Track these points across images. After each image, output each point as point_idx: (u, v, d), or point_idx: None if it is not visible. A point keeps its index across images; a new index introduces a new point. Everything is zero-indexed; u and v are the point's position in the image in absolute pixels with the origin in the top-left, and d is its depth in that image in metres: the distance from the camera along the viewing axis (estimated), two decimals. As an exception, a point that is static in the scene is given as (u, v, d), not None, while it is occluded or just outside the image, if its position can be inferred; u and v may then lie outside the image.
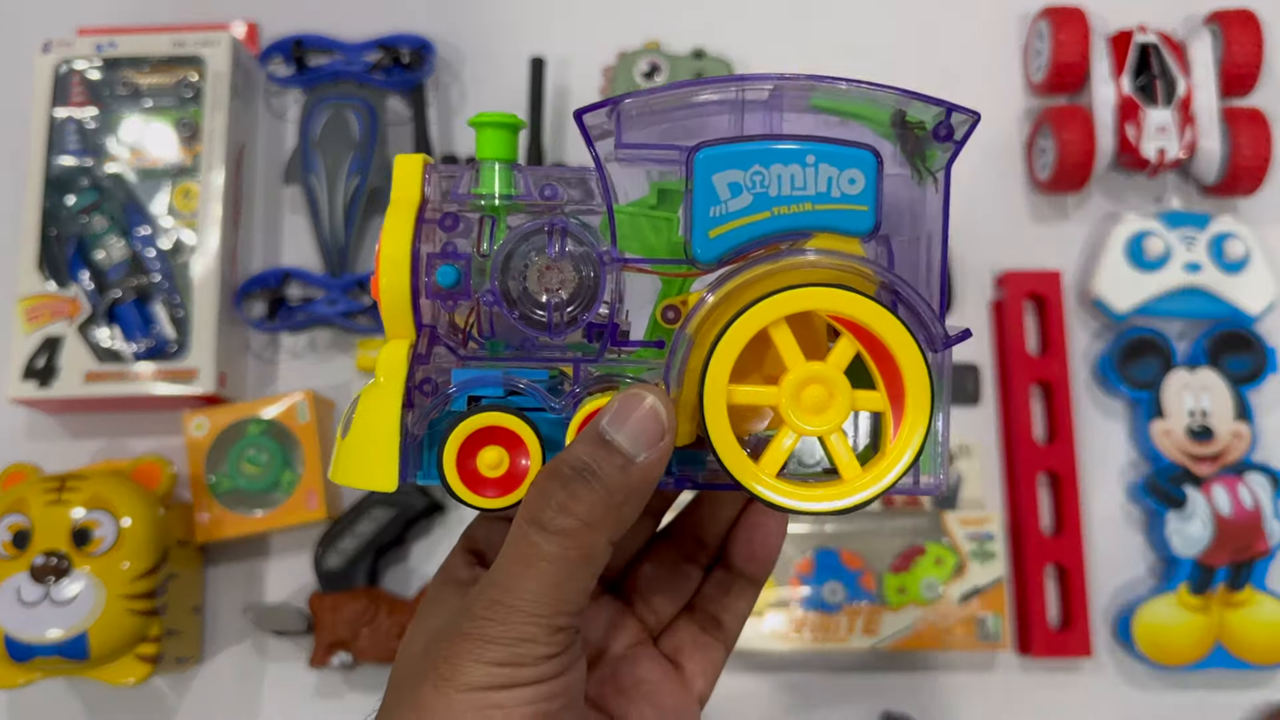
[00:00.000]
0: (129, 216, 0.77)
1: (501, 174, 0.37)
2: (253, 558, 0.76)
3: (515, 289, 0.36)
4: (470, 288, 0.36)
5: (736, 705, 0.74)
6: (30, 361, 0.74)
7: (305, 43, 0.81)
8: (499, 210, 0.37)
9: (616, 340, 0.36)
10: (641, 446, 0.33)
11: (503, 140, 0.37)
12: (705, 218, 0.34)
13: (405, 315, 0.36)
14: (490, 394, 0.36)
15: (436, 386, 0.36)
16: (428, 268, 0.36)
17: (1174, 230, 0.77)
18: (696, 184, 0.34)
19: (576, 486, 0.33)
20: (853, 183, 0.34)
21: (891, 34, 0.84)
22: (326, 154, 0.79)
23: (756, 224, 0.34)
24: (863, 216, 0.34)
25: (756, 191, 0.34)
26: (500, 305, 0.36)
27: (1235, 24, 0.78)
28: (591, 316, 0.36)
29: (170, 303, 0.76)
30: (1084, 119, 0.77)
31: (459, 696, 0.33)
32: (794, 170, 0.34)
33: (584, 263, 0.36)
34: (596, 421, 0.34)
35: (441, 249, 0.36)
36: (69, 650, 0.65)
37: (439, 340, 0.36)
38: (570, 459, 0.34)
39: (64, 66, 0.78)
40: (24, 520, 0.66)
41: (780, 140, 0.35)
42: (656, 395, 0.34)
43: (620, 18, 0.84)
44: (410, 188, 0.37)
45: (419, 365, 0.36)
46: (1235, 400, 0.75)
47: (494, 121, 0.37)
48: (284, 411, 0.74)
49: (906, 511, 0.74)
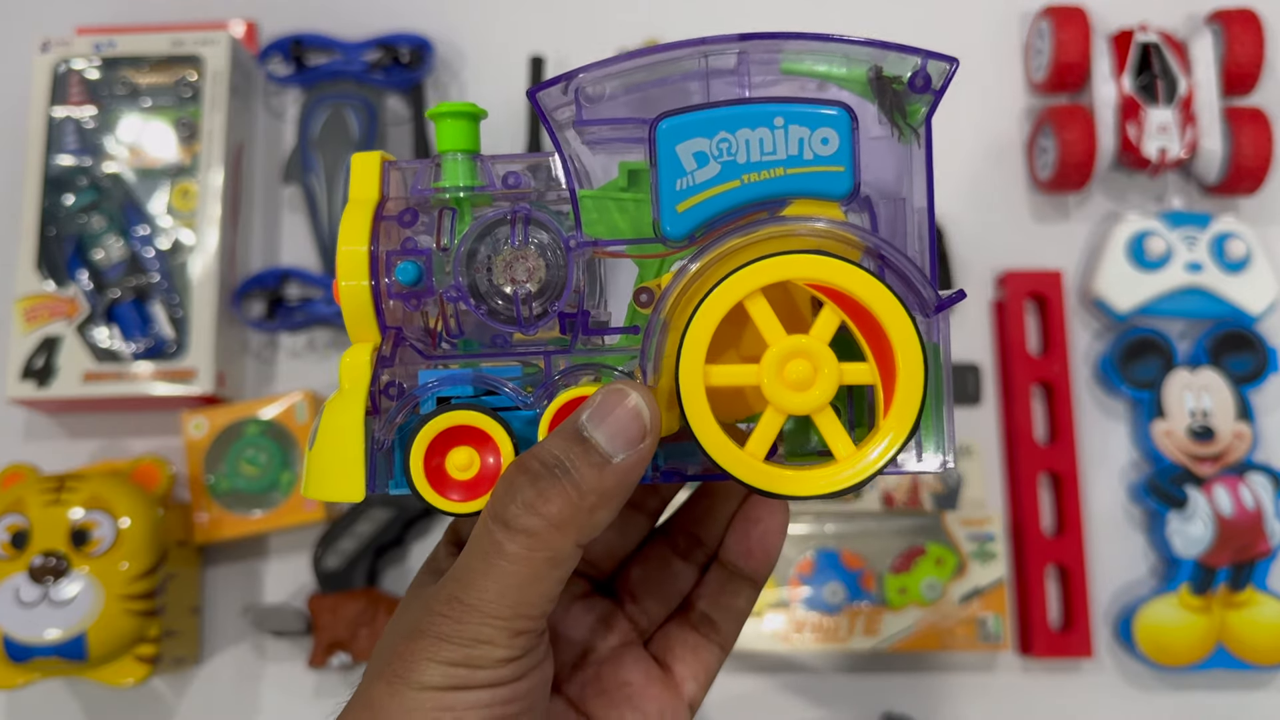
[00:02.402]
0: (127, 216, 0.76)
1: (463, 165, 0.35)
2: (251, 558, 0.76)
3: (481, 283, 0.34)
4: (433, 284, 0.34)
5: (737, 706, 0.73)
6: (29, 361, 0.74)
7: (304, 42, 0.81)
8: (462, 203, 0.35)
9: (588, 329, 0.34)
10: (620, 446, 0.31)
11: (462, 130, 0.35)
12: (672, 191, 0.33)
13: (368, 318, 0.34)
14: (459, 393, 0.34)
15: (403, 389, 0.34)
16: (387, 266, 0.34)
17: (1175, 230, 0.77)
18: (660, 156, 0.33)
19: (546, 484, 0.31)
20: (825, 143, 0.32)
21: (892, 34, 0.84)
22: (325, 153, 0.79)
23: (726, 194, 0.33)
24: (839, 178, 0.33)
25: (724, 160, 0.32)
26: (465, 301, 0.34)
27: (1236, 23, 0.78)
28: (563, 306, 0.34)
29: (169, 302, 0.75)
30: (1085, 118, 0.77)
31: (411, 695, 0.31)
32: (762, 134, 0.32)
33: (550, 250, 0.34)
34: (576, 416, 0.32)
35: (401, 245, 0.34)
36: (67, 651, 0.65)
37: (405, 342, 0.35)
38: (542, 454, 0.32)
39: (62, 66, 0.78)
40: (22, 521, 0.66)
41: (746, 104, 0.33)
42: (641, 393, 0.32)
43: (620, 16, 0.84)
44: (367, 186, 0.36)
45: (383, 368, 0.34)
46: (1236, 400, 0.75)
47: (453, 111, 0.35)
48: (283, 412, 0.74)
49: (907, 512, 0.73)
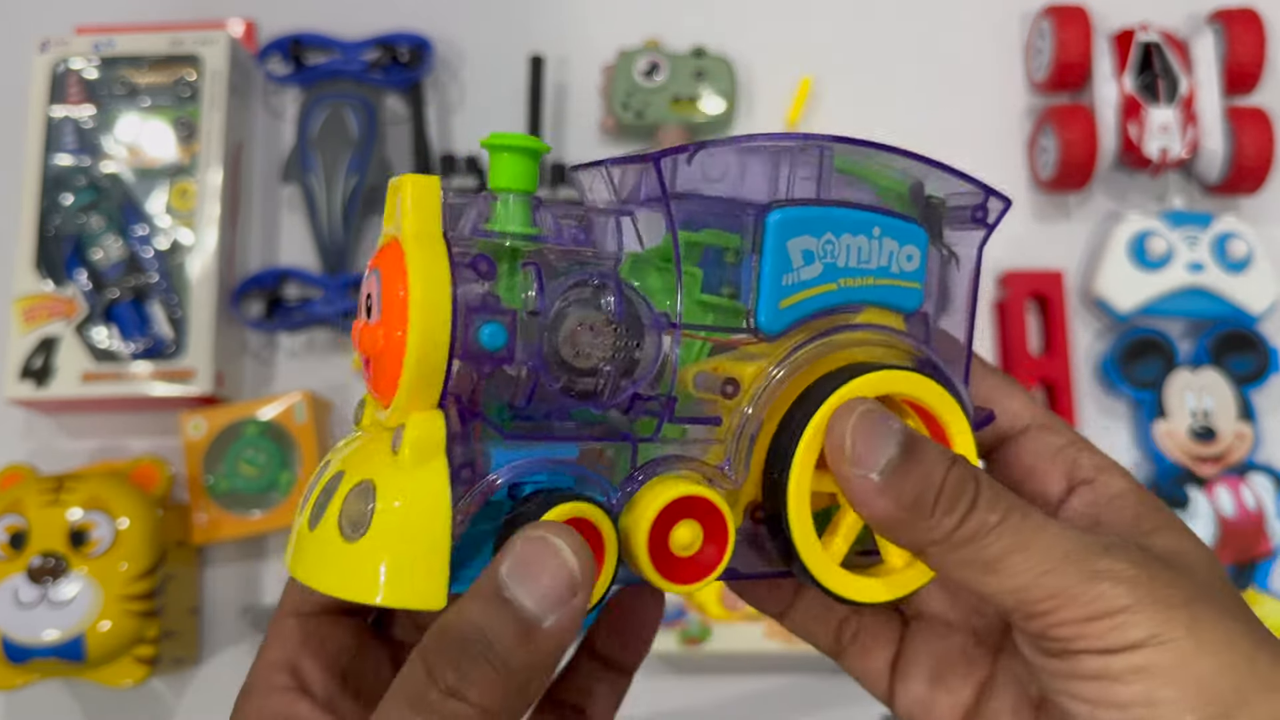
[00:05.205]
0: (126, 216, 0.76)
1: (521, 208, 0.30)
2: (250, 559, 0.76)
3: (566, 353, 0.30)
4: (514, 350, 0.29)
5: (736, 706, 0.73)
6: (27, 362, 0.73)
7: (303, 41, 0.81)
8: (518, 253, 0.30)
9: (673, 416, 0.31)
10: (549, 607, 0.27)
11: (523, 168, 0.30)
12: (777, 286, 0.31)
13: (437, 381, 0.29)
14: (555, 483, 0.30)
15: (475, 470, 0.29)
16: (467, 323, 0.29)
17: (1176, 230, 0.77)
18: (768, 248, 0.31)
19: (468, 665, 0.26)
20: (910, 259, 0.33)
21: (893, 33, 0.84)
22: (324, 153, 0.79)
23: (824, 295, 0.32)
24: (914, 294, 0.33)
25: (827, 261, 0.32)
26: (544, 373, 0.30)
27: (1238, 22, 0.78)
28: (639, 387, 0.31)
29: (167, 303, 0.75)
30: (1086, 118, 0.77)
31: None
32: (861, 241, 0.32)
33: (633, 324, 0.31)
34: (493, 570, 0.27)
35: (483, 301, 0.29)
36: (66, 652, 0.65)
37: (478, 415, 0.30)
38: (461, 624, 0.27)
39: (61, 65, 0.77)
40: (21, 521, 0.66)
41: (852, 208, 0.32)
42: (567, 539, 0.27)
43: (620, 16, 0.83)
44: (430, 219, 0.29)
45: (454, 444, 0.29)
46: (1238, 401, 0.75)
47: (514, 146, 0.30)
48: (282, 412, 0.73)
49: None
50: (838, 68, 0.83)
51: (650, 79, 0.80)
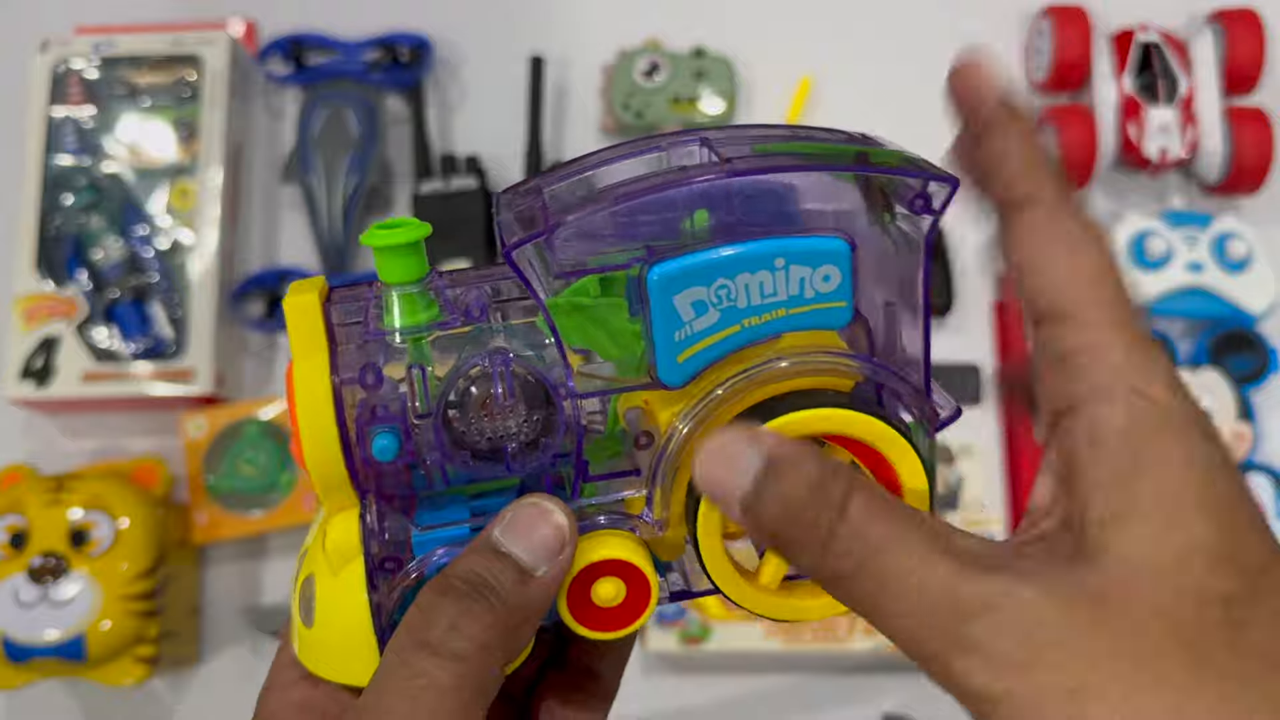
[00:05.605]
0: (126, 216, 0.76)
1: (415, 300, 0.30)
2: (250, 559, 0.76)
3: (465, 433, 0.31)
4: (412, 450, 0.30)
5: (736, 706, 0.73)
6: (28, 362, 0.73)
7: (303, 41, 0.81)
8: (420, 344, 0.31)
9: (588, 477, 0.32)
10: (542, 559, 0.30)
11: (407, 262, 0.30)
12: (670, 343, 0.29)
13: (343, 489, 0.31)
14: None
15: (399, 561, 0.31)
16: (359, 439, 0.30)
17: (1176, 230, 0.77)
18: (655, 308, 0.29)
19: (470, 603, 0.29)
20: (828, 280, 0.29)
21: (893, 33, 0.84)
22: (325, 153, 0.79)
23: (726, 339, 0.30)
24: (840, 312, 0.30)
25: (724, 307, 0.29)
26: (449, 459, 0.31)
27: (1237, 23, 0.78)
28: (556, 448, 0.31)
29: (168, 303, 0.75)
30: (1085, 118, 0.77)
31: None
32: (763, 278, 0.29)
33: (531, 398, 0.31)
34: (486, 534, 0.30)
35: (372, 414, 0.30)
36: (67, 652, 0.65)
37: (390, 507, 0.31)
38: (462, 572, 0.29)
39: (61, 66, 0.78)
40: (21, 521, 0.66)
41: (744, 244, 0.29)
42: (554, 502, 0.30)
43: (620, 16, 0.84)
44: (312, 338, 0.30)
45: (372, 541, 0.31)
46: (1237, 401, 0.75)
47: (389, 245, 0.30)
48: (282, 412, 0.73)
49: (907, 512, 0.73)
50: (838, 68, 0.83)
51: (650, 79, 0.80)
